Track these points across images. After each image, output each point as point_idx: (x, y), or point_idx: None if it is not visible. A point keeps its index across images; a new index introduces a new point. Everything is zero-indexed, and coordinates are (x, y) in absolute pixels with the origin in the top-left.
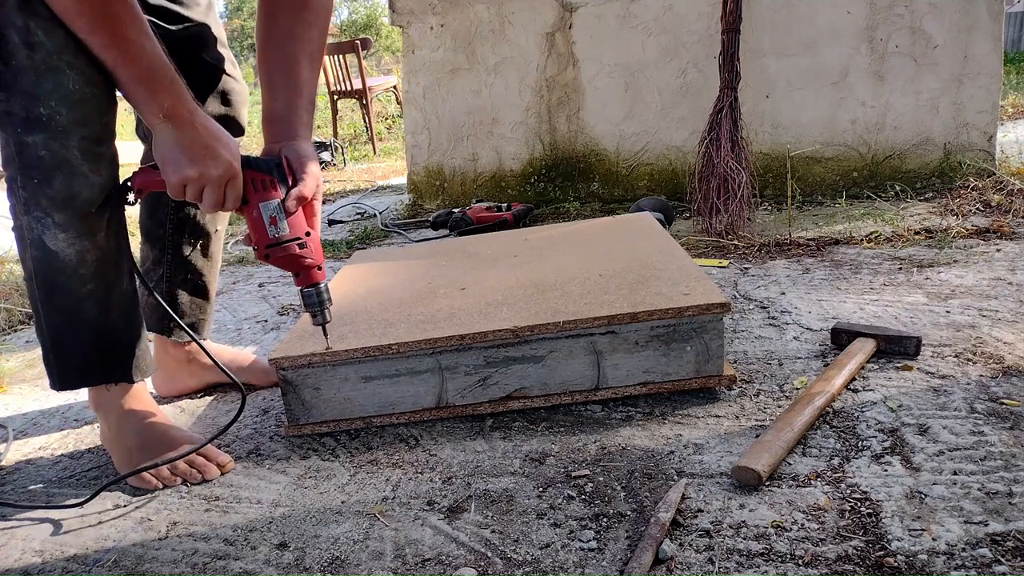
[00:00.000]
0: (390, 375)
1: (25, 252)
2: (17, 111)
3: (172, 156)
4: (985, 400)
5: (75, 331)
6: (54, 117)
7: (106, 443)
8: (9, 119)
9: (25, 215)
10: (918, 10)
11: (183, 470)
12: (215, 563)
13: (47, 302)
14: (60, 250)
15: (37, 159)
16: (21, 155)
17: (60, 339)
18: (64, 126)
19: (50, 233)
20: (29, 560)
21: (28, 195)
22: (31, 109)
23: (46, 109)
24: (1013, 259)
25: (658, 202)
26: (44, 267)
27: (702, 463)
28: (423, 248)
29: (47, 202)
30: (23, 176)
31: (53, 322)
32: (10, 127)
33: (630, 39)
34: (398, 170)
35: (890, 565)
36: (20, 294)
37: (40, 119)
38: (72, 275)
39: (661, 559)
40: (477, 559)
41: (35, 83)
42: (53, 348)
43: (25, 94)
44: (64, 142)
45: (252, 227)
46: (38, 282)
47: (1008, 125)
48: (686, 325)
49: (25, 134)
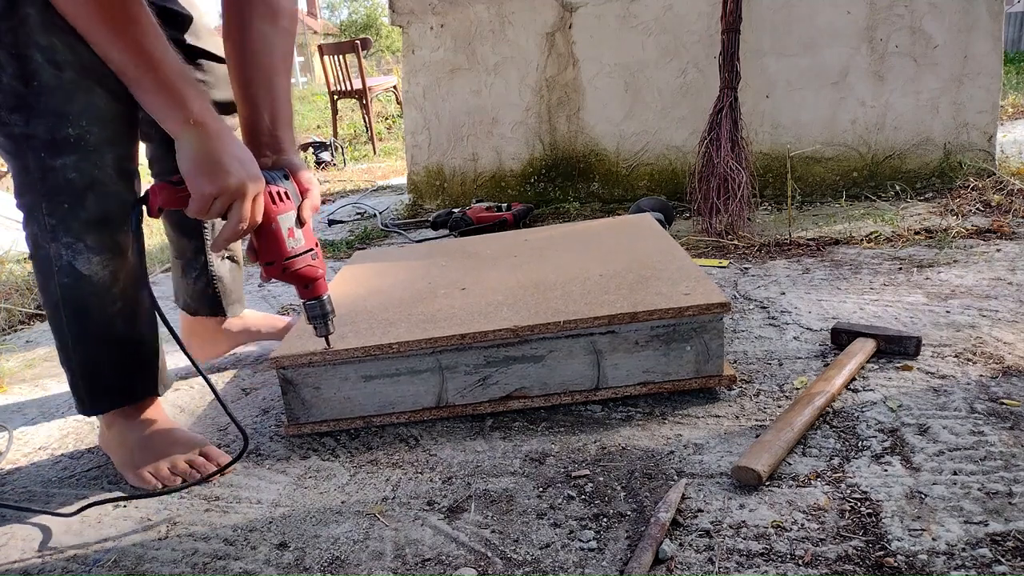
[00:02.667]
0: (390, 374)
1: (51, 281)
2: (41, 134)
3: (204, 165)
4: (985, 400)
5: (106, 353)
6: (84, 137)
7: (105, 444)
8: (30, 143)
9: (53, 242)
10: (918, 10)
11: (183, 470)
12: (215, 563)
13: (79, 329)
14: (93, 273)
15: (66, 182)
16: (45, 180)
17: (90, 364)
18: (95, 145)
19: (82, 258)
20: (29, 560)
21: (56, 221)
22: (57, 131)
23: (75, 129)
24: (1013, 259)
25: (658, 202)
26: (75, 293)
27: (702, 463)
28: (423, 248)
29: (79, 226)
30: (49, 202)
31: (84, 347)
32: (31, 152)
33: (630, 39)
34: (398, 170)
35: (890, 565)
36: (20, 294)
37: (68, 140)
38: (104, 296)
39: (661, 559)
40: (477, 559)
41: (63, 103)
42: (83, 374)
43: (51, 115)
44: (97, 162)
45: (269, 241)
46: (68, 311)
47: (1008, 125)
48: (686, 325)
49: (51, 158)
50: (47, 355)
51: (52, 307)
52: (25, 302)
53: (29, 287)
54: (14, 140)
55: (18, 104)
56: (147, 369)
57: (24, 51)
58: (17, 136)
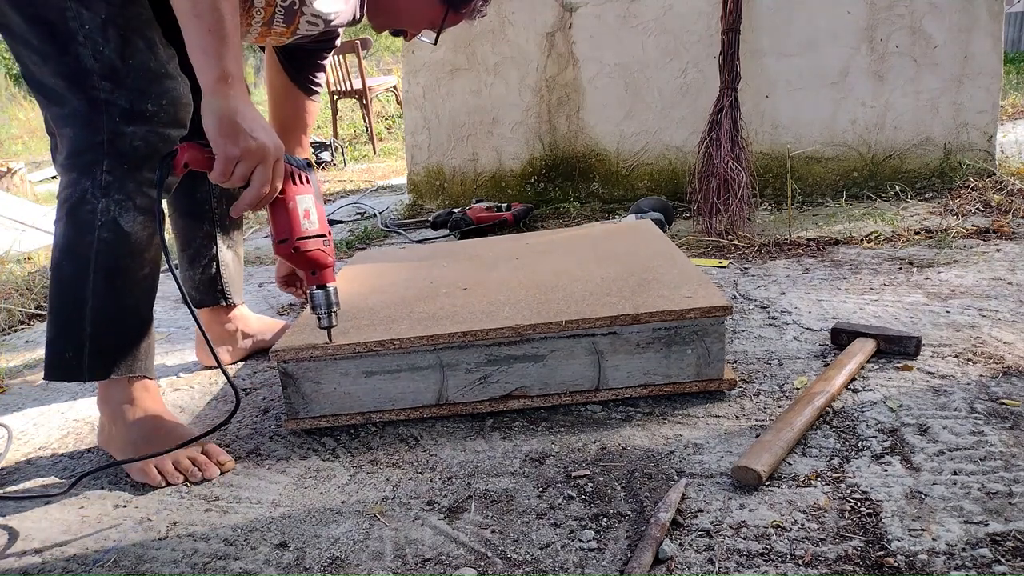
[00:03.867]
0: (391, 371)
1: (89, 236)
2: (121, 103)
3: (230, 126)
4: (985, 400)
5: (122, 318)
6: (159, 114)
7: (106, 440)
8: (108, 108)
9: (104, 198)
10: (918, 10)
11: (185, 467)
12: (215, 563)
13: (107, 286)
14: (134, 232)
15: (131, 148)
16: (114, 143)
17: (105, 325)
18: (166, 123)
19: (128, 215)
20: (29, 560)
21: (113, 179)
22: (137, 103)
23: (154, 105)
24: (1013, 259)
25: (658, 202)
26: (112, 249)
27: (702, 463)
28: (424, 249)
29: (133, 185)
30: (111, 161)
31: (104, 307)
32: (107, 116)
33: (630, 39)
34: (398, 170)
35: (890, 565)
36: (20, 294)
37: (144, 113)
38: (137, 258)
39: (661, 559)
40: (477, 559)
41: (150, 83)
42: (94, 335)
43: (135, 90)
44: (163, 136)
45: (286, 219)
46: (99, 264)
47: (1008, 125)
48: (687, 328)
49: (124, 124)
50: None
51: (80, 263)
52: (25, 302)
53: (29, 287)
54: (94, 104)
55: (110, 74)
56: (150, 347)
57: (130, 35)
58: (99, 101)
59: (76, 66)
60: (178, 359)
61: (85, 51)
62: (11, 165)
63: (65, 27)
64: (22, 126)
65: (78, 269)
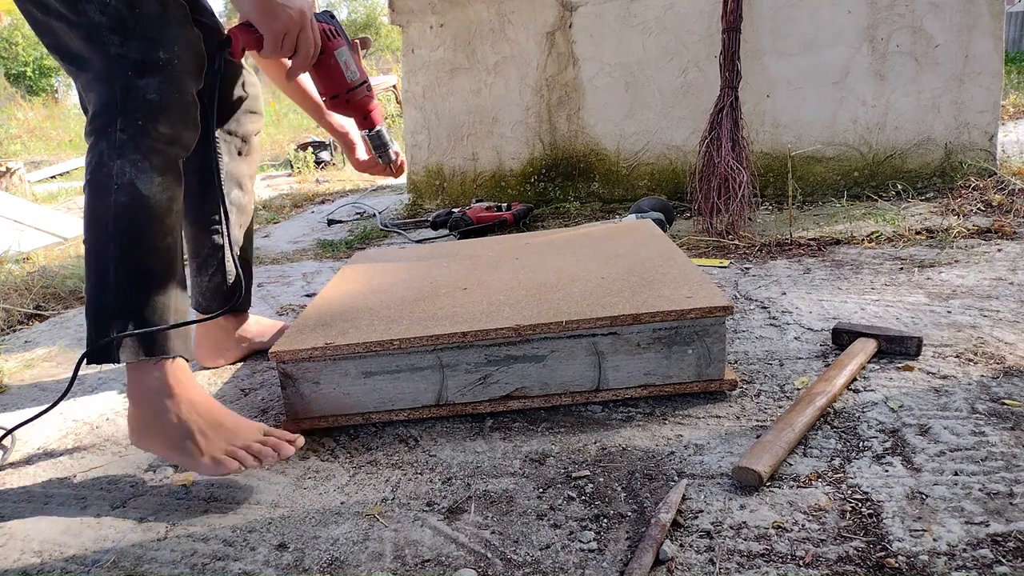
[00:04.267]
0: (390, 371)
1: (107, 200)
2: (132, 55)
3: (265, 7)
4: (986, 400)
5: (147, 291)
6: (172, 62)
7: (142, 430)
8: (120, 62)
9: (119, 159)
10: (919, 9)
11: (257, 450)
12: (214, 564)
13: (125, 254)
14: (152, 195)
15: (144, 102)
16: (127, 98)
17: (130, 299)
18: (179, 72)
19: (145, 177)
20: (28, 560)
21: (127, 137)
22: (148, 53)
23: (166, 53)
24: (1014, 259)
25: (658, 202)
26: (131, 213)
27: (703, 464)
28: (424, 249)
29: (149, 143)
30: (125, 118)
31: (126, 279)
32: (119, 71)
33: (630, 38)
34: None
35: (891, 566)
36: (20, 294)
37: (157, 63)
38: (159, 223)
39: (662, 560)
40: (477, 560)
41: (161, 30)
42: (118, 311)
43: (146, 39)
44: (178, 86)
45: (330, 76)
46: (117, 230)
47: (1009, 125)
48: (688, 328)
49: (137, 77)
50: (47, 355)
51: (99, 231)
52: (24, 302)
53: (28, 287)
54: (107, 60)
55: (119, 26)
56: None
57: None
58: (112, 56)
59: (88, 24)
60: None
61: (92, 6)
62: (10, 165)
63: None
64: (21, 126)
65: (98, 238)
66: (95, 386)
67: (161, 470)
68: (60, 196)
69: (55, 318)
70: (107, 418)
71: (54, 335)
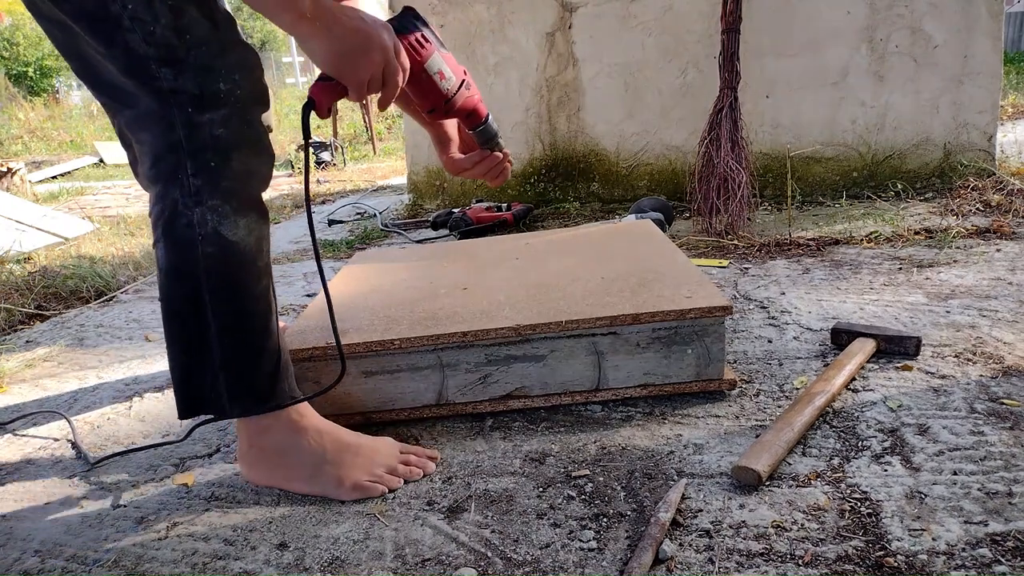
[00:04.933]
0: (391, 371)
1: (192, 253)
2: (190, 88)
3: (347, 58)
4: (985, 400)
5: (252, 338)
6: (234, 92)
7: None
8: (177, 98)
9: (197, 206)
10: (918, 10)
11: (404, 472)
12: (215, 563)
13: (227, 307)
14: (241, 239)
15: (212, 139)
16: (192, 138)
17: (237, 351)
18: (244, 101)
19: (228, 222)
20: (28, 560)
21: (202, 182)
22: (207, 85)
23: (226, 83)
24: (1013, 259)
25: (658, 202)
26: (223, 265)
27: (702, 463)
28: (424, 249)
29: (227, 184)
30: (195, 160)
31: (230, 333)
32: (177, 108)
33: (630, 39)
34: (398, 170)
35: (890, 565)
36: (20, 294)
37: (217, 95)
38: (251, 267)
39: (661, 559)
40: (477, 559)
41: (217, 56)
42: (225, 364)
43: (201, 69)
44: (245, 117)
45: (424, 92)
46: (213, 285)
47: (1008, 125)
48: (687, 328)
49: (198, 113)
50: (47, 355)
51: (189, 287)
52: (25, 302)
53: (29, 287)
54: (161, 97)
55: (169, 57)
56: (287, 364)
57: (179, 3)
58: (165, 92)
59: (130, 57)
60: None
61: (134, 36)
62: (11, 165)
63: (105, 13)
64: (22, 126)
65: (189, 294)
66: (96, 386)
67: (162, 470)
68: (61, 196)
69: (56, 318)
70: (108, 418)
71: (55, 335)
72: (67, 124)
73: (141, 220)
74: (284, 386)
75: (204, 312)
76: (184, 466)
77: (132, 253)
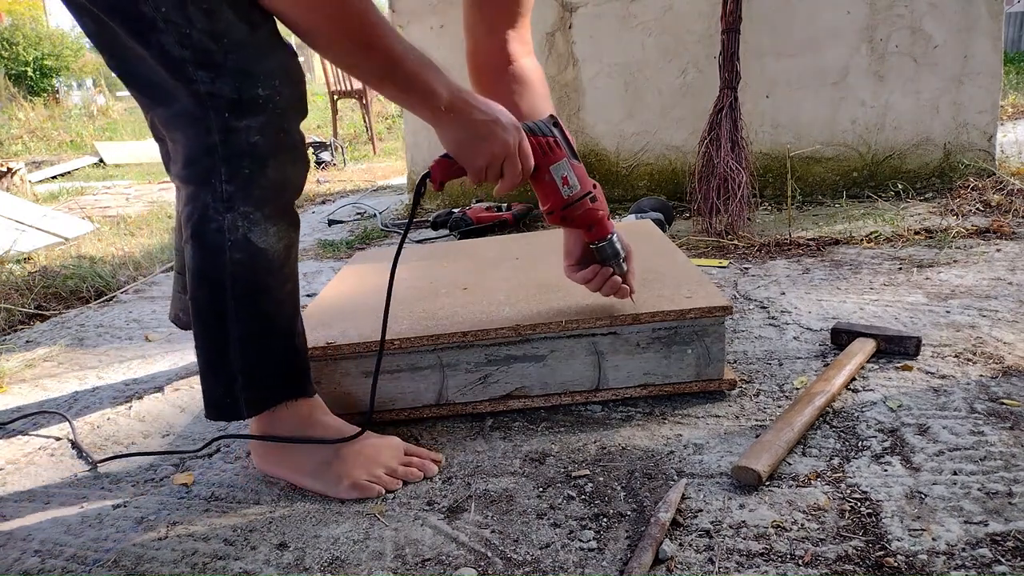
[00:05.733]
0: (391, 371)
1: (220, 258)
2: (227, 93)
3: (468, 144)
4: (985, 400)
5: (273, 343)
6: (273, 98)
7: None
8: (214, 102)
9: (228, 212)
10: (918, 10)
11: (403, 473)
12: (215, 563)
13: (249, 312)
14: (270, 246)
15: (249, 145)
16: (227, 143)
17: (256, 355)
18: (283, 108)
19: (259, 229)
20: (28, 560)
21: (235, 188)
22: (245, 90)
23: (265, 89)
24: (1013, 259)
25: (658, 202)
26: (250, 271)
27: (702, 463)
28: (424, 249)
29: (260, 192)
30: (229, 166)
31: (250, 336)
32: (214, 112)
33: (630, 39)
34: (398, 170)
35: (890, 565)
36: (20, 294)
37: (256, 101)
38: (278, 274)
39: (661, 559)
40: (477, 559)
41: (255, 60)
42: (244, 368)
43: (239, 74)
44: (283, 125)
45: (546, 192)
46: (239, 291)
47: (1008, 125)
48: (687, 328)
49: (235, 118)
50: (47, 355)
51: (214, 291)
52: (25, 302)
53: (29, 287)
54: (198, 99)
55: (206, 60)
56: (306, 362)
57: (214, 6)
58: (202, 95)
59: (165, 58)
60: (178, 358)
61: (168, 38)
62: (11, 165)
63: (138, 13)
64: (22, 126)
65: (214, 297)
66: (96, 386)
67: (162, 470)
68: (61, 196)
69: (56, 318)
70: (108, 418)
71: (55, 335)
72: (67, 124)
73: (141, 220)
74: (301, 382)
75: (226, 319)
76: (184, 466)
77: (132, 253)
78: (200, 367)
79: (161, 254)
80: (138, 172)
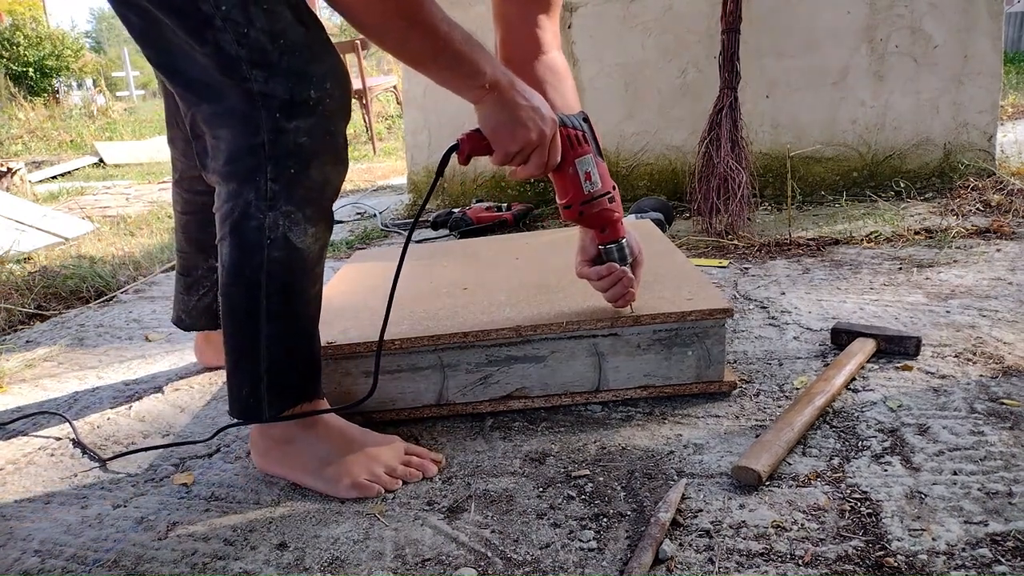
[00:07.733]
0: (391, 371)
1: (258, 256)
2: (280, 94)
3: (505, 127)
4: (985, 400)
5: (297, 344)
6: (324, 100)
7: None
8: (266, 102)
9: (271, 211)
10: (918, 10)
11: (402, 473)
12: (215, 563)
13: (280, 311)
14: (307, 247)
15: (296, 146)
16: (276, 143)
17: (282, 356)
18: (332, 110)
19: (299, 229)
20: (28, 560)
21: (280, 188)
22: (298, 91)
23: (317, 91)
24: (1013, 259)
25: (658, 202)
26: (285, 270)
27: (702, 463)
28: (424, 249)
29: (303, 192)
30: (276, 166)
31: (279, 336)
32: (265, 111)
33: (630, 39)
34: (398, 170)
35: (890, 565)
36: (20, 294)
37: (307, 102)
38: (309, 274)
39: (661, 559)
40: (477, 559)
41: (309, 63)
42: (271, 368)
43: (293, 75)
44: (330, 128)
45: (566, 185)
46: (273, 288)
47: (1008, 125)
48: (688, 329)
49: (286, 119)
50: (47, 355)
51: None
52: (25, 302)
53: (29, 287)
54: (249, 98)
55: (261, 60)
56: (320, 363)
57: (274, 6)
58: (254, 94)
59: (220, 55)
60: (178, 359)
61: (226, 36)
62: (11, 165)
63: (196, 10)
64: (22, 126)
65: (248, 295)
66: (96, 386)
67: (162, 470)
68: (61, 196)
69: (56, 318)
70: (108, 418)
71: (55, 335)
72: (67, 124)
73: (141, 220)
74: (316, 385)
75: (259, 317)
76: (184, 466)
77: (132, 253)
78: (227, 365)
79: (161, 254)
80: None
